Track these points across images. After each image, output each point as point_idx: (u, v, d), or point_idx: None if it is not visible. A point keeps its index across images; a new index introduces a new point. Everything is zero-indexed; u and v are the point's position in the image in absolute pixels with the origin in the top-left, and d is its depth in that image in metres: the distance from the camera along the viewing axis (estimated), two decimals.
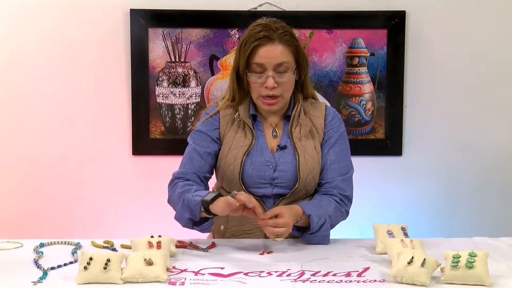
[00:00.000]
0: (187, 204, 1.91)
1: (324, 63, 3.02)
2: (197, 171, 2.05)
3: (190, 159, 2.07)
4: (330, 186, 2.06)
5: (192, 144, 2.09)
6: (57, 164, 3.04)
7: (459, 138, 3.08)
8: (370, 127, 3.07)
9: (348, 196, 2.07)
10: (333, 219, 2.01)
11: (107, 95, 3.02)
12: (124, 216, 3.06)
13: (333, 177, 2.06)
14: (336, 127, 2.11)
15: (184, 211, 1.93)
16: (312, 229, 1.95)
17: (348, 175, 2.09)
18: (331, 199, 2.04)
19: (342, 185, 2.06)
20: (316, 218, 1.94)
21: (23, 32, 2.97)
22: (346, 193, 2.07)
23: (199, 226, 1.95)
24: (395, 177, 3.09)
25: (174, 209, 2.02)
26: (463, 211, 3.11)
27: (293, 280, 1.66)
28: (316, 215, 1.95)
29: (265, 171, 2.03)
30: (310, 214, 1.94)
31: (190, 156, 2.08)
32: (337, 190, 2.05)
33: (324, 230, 1.97)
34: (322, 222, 1.95)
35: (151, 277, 1.63)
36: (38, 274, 1.69)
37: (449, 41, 3.03)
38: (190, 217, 1.92)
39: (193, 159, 2.07)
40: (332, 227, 2.03)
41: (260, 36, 1.96)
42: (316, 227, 1.94)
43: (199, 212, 1.90)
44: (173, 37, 2.99)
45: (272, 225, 1.86)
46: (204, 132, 2.09)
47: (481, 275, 1.60)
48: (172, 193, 2.04)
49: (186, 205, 1.92)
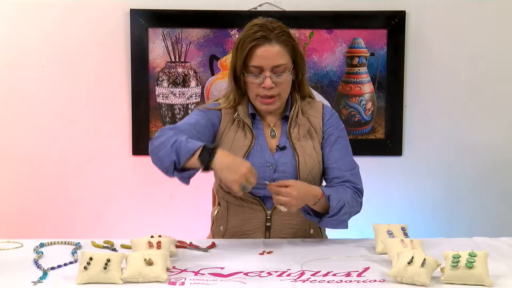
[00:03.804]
0: (177, 146, 1.83)
1: (324, 63, 3.02)
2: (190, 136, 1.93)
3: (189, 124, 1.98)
4: (340, 181, 2.04)
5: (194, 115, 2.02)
6: (57, 164, 3.04)
7: (459, 138, 3.08)
8: (370, 127, 3.07)
9: (360, 189, 2.06)
10: (350, 206, 1.98)
11: (107, 95, 3.02)
12: (124, 216, 3.06)
13: (342, 173, 2.05)
14: (335, 124, 2.10)
15: (171, 152, 1.83)
16: (332, 210, 1.92)
17: (356, 170, 2.08)
18: (346, 189, 2.02)
19: (352, 178, 2.05)
20: (336, 200, 1.92)
21: (23, 32, 2.97)
22: (358, 186, 2.06)
23: (180, 173, 1.87)
24: (395, 177, 3.10)
25: (152, 151, 1.92)
26: (463, 211, 3.12)
27: (293, 280, 1.66)
28: (335, 197, 1.93)
29: (265, 172, 2.02)
30: (329, 195, 1.92)
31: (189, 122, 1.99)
32: (349, 183, 2.04)
33: (342, 214, 1.94)
34: (341, 204, 1.93)
35: (151, 277, 1.63)
36: (38, 274, 1.69)
37: (449, 41, 3.03)
38: (175, 159, 1.83)
39: (191, 125, 1.98)
40: (349, 216, 2.00)
41: (257, 36, 1.95)
42: (336, 209, 1.92)
43: (186, 157, 1.81)
44: (173, 37, 2.99)
45: (276, 193, 1.84)
46: (208, 116, 2.04)
47: (481, 275, 1.60)
48: (158, 137, 1.92)
49: (176, 148, 1.83)
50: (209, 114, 2.06)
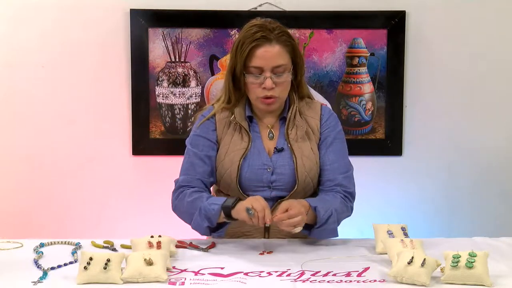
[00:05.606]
0: (204, 213, 1.93)
1: (324, 63, 3.02)
2: (201, 177, 2.03)
3: (192, 165, 2.05)
4: (332, 184, 2.05)
5: (192, 149, 2.06)
6: (57, 164, 3.04)
7: (459, 138, 3.08)
8: (370, 127, 3.07)
9: (351, 193, 2.07)
10: (339, 213, 1.98)
11: (107, 95, 3.02)
12: (124, 216, 3.06)
13: (335, 175, 2.05)
14: (332, 126, 2.09)
15: (202, 220, 1.94)
16: (319, 221, 1.92)
17: (349, 173, 2.08)
18: (336, 195, 2.02)
19: (344, 182, 2.05)
20: (322, 210, 1.92)
21: (23, 32, 2.97)
22: (349, 190, 2.06)
23: (217, 232, 1.97)
24: (395, 177, 3.09)
25: (181, 216, 2.03)
26: (463, 211, 3.11)
27: (293, 280, 1.66)
28: (322, 207, 1.93)
29: (262, 174, 2.02)
30: (316, 206, 1.92)
31: (191, 161, 2.05)
32: (340, 187, 2.04)
33: (331, 223, 1.94)
34: (328, 214, 1.93)
35: (151, 277, 1.63)
36: (38, 274, 1.69)
37: (449, 41, 3.03)
38: (208, 225, 1.93)
39: (195, 165, 2.04)
40: (338, 223, 2.00)
41: (257, 37, 1.94)
42: (323, 219, 1.92)
43: (216, 220, 1.92)
44: (173, 37, 2.99)
45: (287, 218, 1.84)
46: (202, 136, 2.06)
47: (481, 275, 1.60)
48: (179, 202, 2.02)
49: (204, 215, 1.93)
50: (202, 132, 2.06)
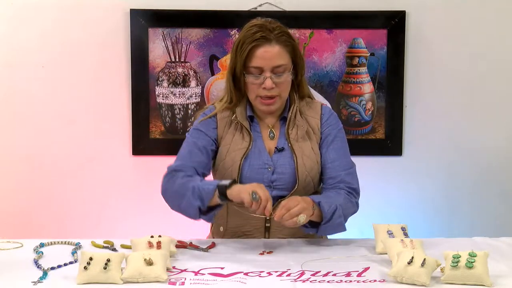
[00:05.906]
0: (198, 192, 1.89)
1: (324, 63, 3.02)
2: (197, 166, 2.01)
3: (189, 152, 2.03)
4: (335, 182, 2.04)
5: (192, 138, 2.05)
6: (57, 164, 3.04)
7: (459, 138, 3.08)
8: (370, 127, 3.07)
9: (355, 189, 2.05)
10: (344, 208, 1.97)
11: (107, 95, 3.02)
12: (124, 216, 3.06)
13: (337, 172, 2.04)
14: (333, 125, 2.10)
15: (194, 199, 1.89)
16: (325, 217, 1.90)
17: (352, 170, 2.07)
18: (339, 191, 2.01)
19: (347, 178, 2.04)
20: (326, 205, 1.91)
21: (23, 32, 2.97)
22: (353, 186, 2.05)
23: (207, 215, 1.93)
24: (395, 177, 3.09)
25: (170, 197, 1.98)
26: (463, 211, 3.11)
27: (293, 280, 1.66)
28: (326, 202, 1.92)
29: (263, 174, 2.02)
30: (319, 201, 1.91)
31: (190, 150, 2.04)
32: (343, 184, 2.03)
33: (336, 218, 1.92)
34: (333, 208, 1.91)
35: (151, 277, 1.63)
36: (38, 274, 1.69)
37: (449, 41, 3.03)
38: (199, 205, 1.89)
39: (192, 153, 2.03)
40: (345, 218, 1.98)
41: (257, 37, 1.94)
42: (329, 214, 1.90)
43: (209, 199, 1.88)
44: (173, 37, 2.99)
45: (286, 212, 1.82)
46: (203, 131, 2.06)
47: (481, 275, 1.60)
48: (170, 184, 1.98)
49: (198, 194, 1.89)
50: (203, 128, 2.06)
